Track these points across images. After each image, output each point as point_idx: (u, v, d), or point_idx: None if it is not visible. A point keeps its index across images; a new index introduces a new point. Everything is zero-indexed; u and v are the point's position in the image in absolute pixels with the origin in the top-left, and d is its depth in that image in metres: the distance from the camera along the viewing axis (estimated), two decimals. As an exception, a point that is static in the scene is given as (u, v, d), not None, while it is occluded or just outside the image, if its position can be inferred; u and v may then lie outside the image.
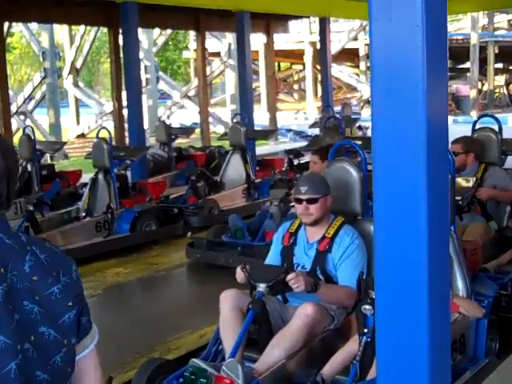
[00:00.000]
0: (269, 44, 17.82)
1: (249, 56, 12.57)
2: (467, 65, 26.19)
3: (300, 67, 30.56)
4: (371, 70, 2.28)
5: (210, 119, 17.63)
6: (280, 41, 23.51)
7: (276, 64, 27.30)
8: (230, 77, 20.95)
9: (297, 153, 10.46)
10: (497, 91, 29.96)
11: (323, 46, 15.09)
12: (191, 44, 24.28)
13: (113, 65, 13.61)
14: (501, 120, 6.36)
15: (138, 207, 7.83)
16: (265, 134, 12.77)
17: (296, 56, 28.02)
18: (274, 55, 19.03)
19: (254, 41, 15.32)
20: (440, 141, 2.26)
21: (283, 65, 33.39)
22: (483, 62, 26.29)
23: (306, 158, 9.63)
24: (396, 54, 2.18)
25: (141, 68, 11.69)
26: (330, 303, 3.66)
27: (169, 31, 21.29)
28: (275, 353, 3.44)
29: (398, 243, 2.26)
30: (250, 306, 3.49)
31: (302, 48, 25.86)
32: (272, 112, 18.02)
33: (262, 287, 3.48)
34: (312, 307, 3.46)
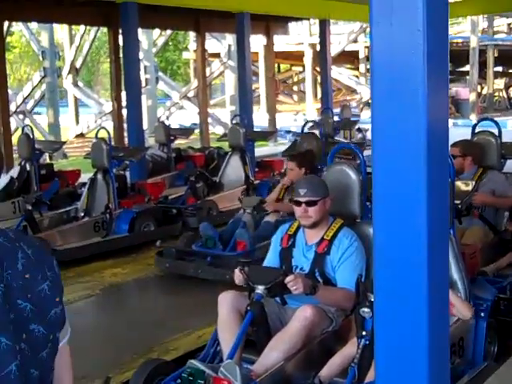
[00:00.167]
0: (269, 45, 17.82)
1: (249, 57, 12.59)
2: (467, 68, 26.22)
3: (300, 69, 30.58)
4: (372, 74, 2.28)
5: (210, 120, 17.62)
6: (280, 42, 23.52)
7: (276, 65, 27.28)
8: (230, 78, 20.95)
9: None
10: (496, 95, 30.01)
11: (323, 48, 15.11)
12: (191, 45, 24.28)
13: (112, 65, 13.60)
14: (500, 124, 6.37)
15: (137, 208, 7.83)
16: (264, 136, 12.78)
17: (296, 58, 28.04)
18: (274, 57, 19.03)
19: (254, 42, 15.30)
20: (440, 144, 2.26)
21: (283, 66, 33.40)
22: (483, 66, 26.34)
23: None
24: (397, 58, 2.18)
25: (140, 68, 11.69)
26: (329, 305, 3.66)
27: (169, 32, 21.30)
28: (273, 355, 3.44)
29: (398, 246, 2.26)
30: (249, 308, 3.49)
31: (302, 50, 25.87)
32: (271, 113, 18.02)
33: (261, 289, 3.48)
34: (311, 309, 3.46)
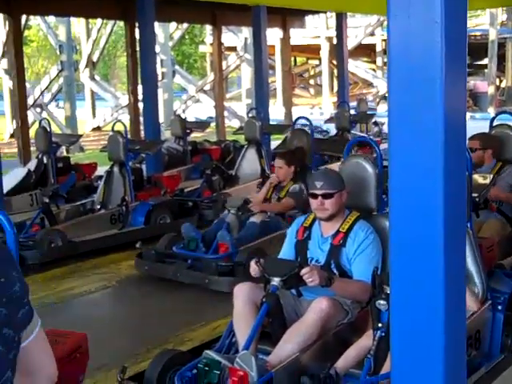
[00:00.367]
0: (285, 39, 17.77)
1: (265, 50, 12.56)
2: (485, 61, 25.96)
3: (316, 62, 30.50)
4: (389, 66, 2.27)
5: (226, 113, 17.65)
6: (296, 36, 23.43)
7: (292, 59, 27.24)
8: (246, 71, 20.94)
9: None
10: (514, 88, 29.69)
11: (340, 41, 15.06)
12: (207, 38, 24.25)
13: (129, 58, 13.64)
14: (518, 117, 6.32)
15: (153, 200, 7.86)
16: (280, 129, 12.73)
17: (312, 51, 27.96)
18: (291, 50, 18.95)
19: (271, 35, 15.29)
20: (458, 137, 2.25)
21: (299, 60, 33.31)
22: (501, 59, 26.08)
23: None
24: (414, 51, 2.17)
25: (157, 62, 11.73)
26: (344, 297, 3.67)
27: (185, 25, 21.30)
28: (289, 346, 3.45)
29: (414, 239, 2.25)
30: (264, 300, 3.50)
31: (319, 43, 25.78)
32: (287, 107, 17.97)
33: (276, 281, 3.49)
34: (326, 301, 3.47)
